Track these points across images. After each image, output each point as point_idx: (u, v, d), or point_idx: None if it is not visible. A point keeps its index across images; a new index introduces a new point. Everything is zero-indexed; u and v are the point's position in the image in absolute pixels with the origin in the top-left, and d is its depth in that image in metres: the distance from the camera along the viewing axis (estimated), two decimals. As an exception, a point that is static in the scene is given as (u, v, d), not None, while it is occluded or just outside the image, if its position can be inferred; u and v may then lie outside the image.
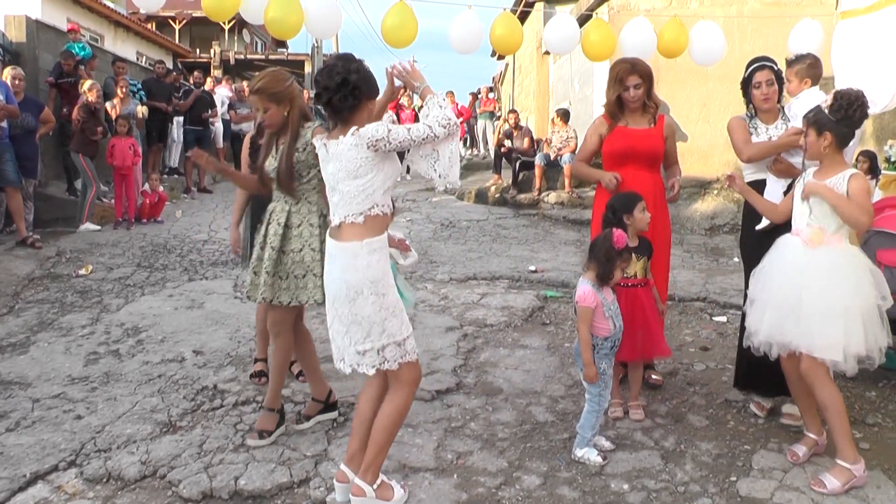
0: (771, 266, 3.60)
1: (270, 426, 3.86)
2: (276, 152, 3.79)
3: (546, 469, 3.57)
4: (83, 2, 17.78)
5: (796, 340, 3.39)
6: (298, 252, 3.77)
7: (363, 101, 3.05)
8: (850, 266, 3.40)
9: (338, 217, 3.07)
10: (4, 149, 7.69)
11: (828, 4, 9.79)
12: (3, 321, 5.88)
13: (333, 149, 3.05)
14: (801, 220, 3.52)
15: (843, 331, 3.27)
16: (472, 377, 4.77)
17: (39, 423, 4.05)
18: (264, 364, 4.67)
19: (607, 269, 3.63)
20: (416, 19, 5.45)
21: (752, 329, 3.61)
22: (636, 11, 10.08)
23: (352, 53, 3.12)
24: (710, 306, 6.50)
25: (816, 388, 3.41)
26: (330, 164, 3.08)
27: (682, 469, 3.57)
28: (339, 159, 3.01)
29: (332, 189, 3.10)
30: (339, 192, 3.05)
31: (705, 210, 10.21)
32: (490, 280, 7.23)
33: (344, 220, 3.04)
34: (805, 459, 3.57)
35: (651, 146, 4.52)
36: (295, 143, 3.72)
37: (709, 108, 10.66)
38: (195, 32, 30.63)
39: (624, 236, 3.66)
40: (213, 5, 5.08)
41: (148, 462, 3.60)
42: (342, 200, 3.04)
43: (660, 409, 4.27)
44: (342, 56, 3.09)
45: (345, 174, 3.01)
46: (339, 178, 3.03)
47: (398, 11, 5.43)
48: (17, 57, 10.41)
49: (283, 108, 3.71)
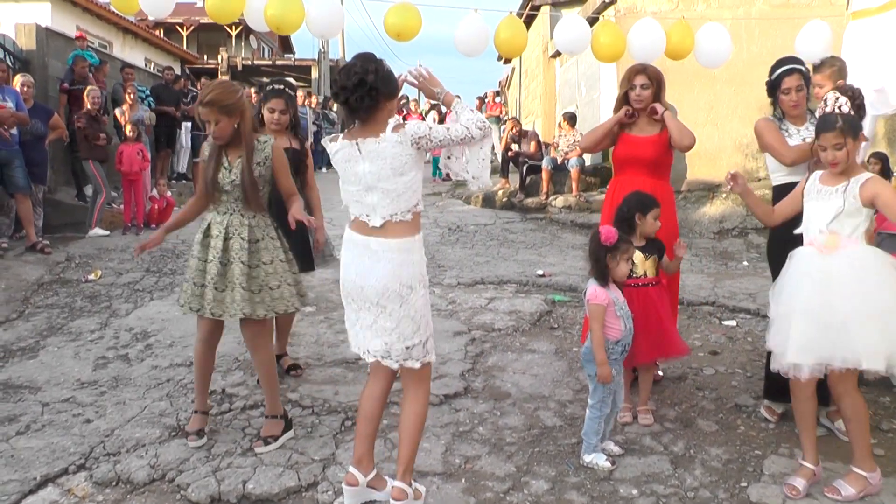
0: (790, 282, 3.39)
1: (276, 431, 3.86)
2: (228, 165, 3.71)
3: (554, 474, 3.56)
4: (92, 9, 17.87)
5: (837, 354, 3.14)
6: (270, 264, 3.77)
7: (381, 101, 2.99)
8: (877, 266, 3.24)
9: (379, 217, 3.00)
10: (14, 155, 7.73)
11: (837, 5, 9.77)
12: (14, 326, 5.91)
13: (371, 147, 2.98)
14: (816, 226, 3.35)
15: (881, 337, 3.10)
16: (480, 381, 4.76)
17: (49, 427, 4.07)
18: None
19: (599, 267, 3.62)
20: (420, 14, 5.44)
21: (779, 350, 3.35)
22: (642, 14, 10.07)
23: (372, 53, 3.06)
24: (719, 310, 6.47)
25: (844, 398, 3.30)
26: (364, 164, 3.00)
27: (692, 474, 3.55)
28: (382, 157, 2.96)
29: (368, 188, 3.01)
30: (379, 191, 2.98)
31: (713, 213, 10.17)
32: (498, 284, 7.22)
33: (390, 218, 2.99)
34: (804, 494, 3.33)
35: (653, 153, 4.54)
36: (253, 157, 3.70)
37: (716, 110, 10.63)
38: (203, 39, 30.78)
39: (613, 232, 3.60)
40: (216, 7, 5.09)
41: (157, 466, 3.61)
42: (385, 199, 2.98)
43: (669, 414, 4.25)
44: (361, 56, 3.04)
45: (389, 172, 2.96)
46: (382, 176, 2.97)
47: (401, 9, 5.42)
48: (26, 64, 10.48)
49: (233, 120, 3.65)
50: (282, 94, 4.61)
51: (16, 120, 7.71)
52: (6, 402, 4.41)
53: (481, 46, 5.54)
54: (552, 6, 16.06)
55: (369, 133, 3.00)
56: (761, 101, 4.40)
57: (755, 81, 10.30)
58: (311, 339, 5.13)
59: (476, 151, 3.09)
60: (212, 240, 3.74)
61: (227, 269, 3.71)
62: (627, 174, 4.57)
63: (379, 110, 3.00)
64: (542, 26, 16.14)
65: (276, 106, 4.58)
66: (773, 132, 4.06)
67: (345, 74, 2.97)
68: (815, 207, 3.40)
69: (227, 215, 3.76)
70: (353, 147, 3.03)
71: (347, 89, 2.94)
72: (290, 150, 4.53)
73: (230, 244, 3.72)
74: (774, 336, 3.39)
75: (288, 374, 4.78)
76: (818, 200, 3.39)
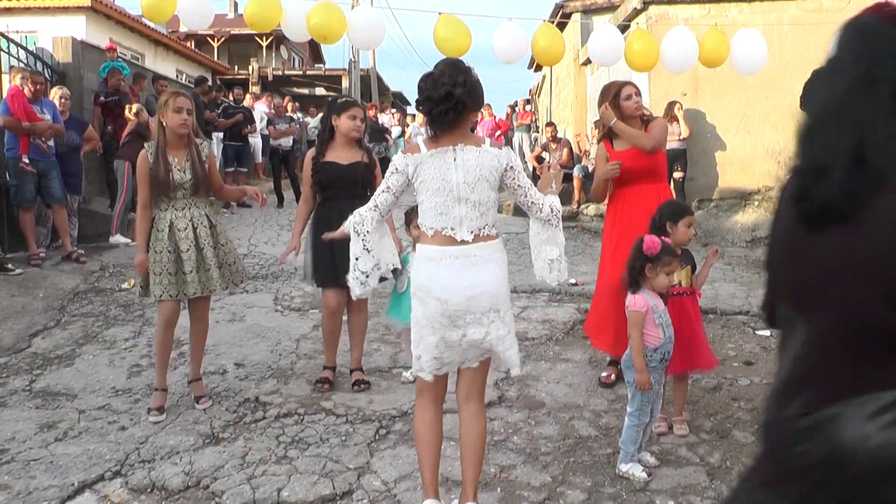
0: None
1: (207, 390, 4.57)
2: (179, 166, 4.25)
3: (590, 484, 3.52)
4: (125, 22, 18.19)
5: None
6: (227, 244, 4.49)
7: (466, 114, 2.92)
8: None
9: (466, 230, 2.93)
10: (51, 167, 7.86)
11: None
12: (51, 334, 5.99)
13: (469, 156, 2.91)
14: None
15: None
16: (514, 390, 4.73)
17: (86, 434, 4.12)
18: (332, 373, 4.83)
19: (633, 274, 3.59)
20: (469, 31, 5.47)
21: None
22: (675, 20, 10.00)
23: (461, 61, 2.96)
24: (752, 320, 6.38)
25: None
26: (458, 173, 2.91)
27: (729, 486, 3.49)
28: (480, 167, 2.90)
29: (458, 200, 2.92)
30: (470, 204, 2.92)
31: (746, 221, 10.06)
32: (530, 293, 7.18)
33: (478, 232, 2.95)
34: None
35: (645, 163, 4.69)
36: (201, 152, 4.35)
37: (748, 117, 10.51)
38: (233, 49, 31.12)
39: (657, 242, 3.55)
40: (255, 14, 5.16)
41: (191, 473, 3.63)
42: (474, 212, 2.93)
43: (704, 425, 4.20)
44: (450, 64, 2.93)
45: (485, 184, 2.92)
46: (478, 187, 2.92)
47: (449, 23, 5.43)
48: (63, 77, 10.66)
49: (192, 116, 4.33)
50: (358, 103, 4.88)
51: (53, 132, 7.84)
52: (45, 410, 4.47)
53: (520, 54, 5.55)
54: (583, 13, 16.01)
55: (460, 141, 2.92)
56: (794, 108, 4.32)
57: (788, 88, 10.26)
58: (343, 347, 5.14)
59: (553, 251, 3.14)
60: (180, 232, 4.27)
61: (201, 254, 4.32)
62: (632, 187, 4.73)
63: (463, 123, 2.94)
64: (573, 34, 16.07)
65: (357, 114, 4.66)
66: None
67: (432, 85, 2.86)
68: None
69: (186, 209, 4.31)
70: (450, 154, 2.92)
71: (433, 101, 2.85)
72: (359, 164, 4.62)
73: (198, 232, 4.32)
74: None
75: (352, 388, 4.72)
76: None
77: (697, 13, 10.40)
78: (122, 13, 18.08)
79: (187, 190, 4.28)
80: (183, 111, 4.24)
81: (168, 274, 4.27)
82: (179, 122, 4.22)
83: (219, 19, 26.84)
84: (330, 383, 4.75)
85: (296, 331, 6.03)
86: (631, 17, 11.07)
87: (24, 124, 7.46)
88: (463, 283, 2.89)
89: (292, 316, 6.51)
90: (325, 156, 4.63)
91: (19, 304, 6.43)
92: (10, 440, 4.03)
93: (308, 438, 4.03)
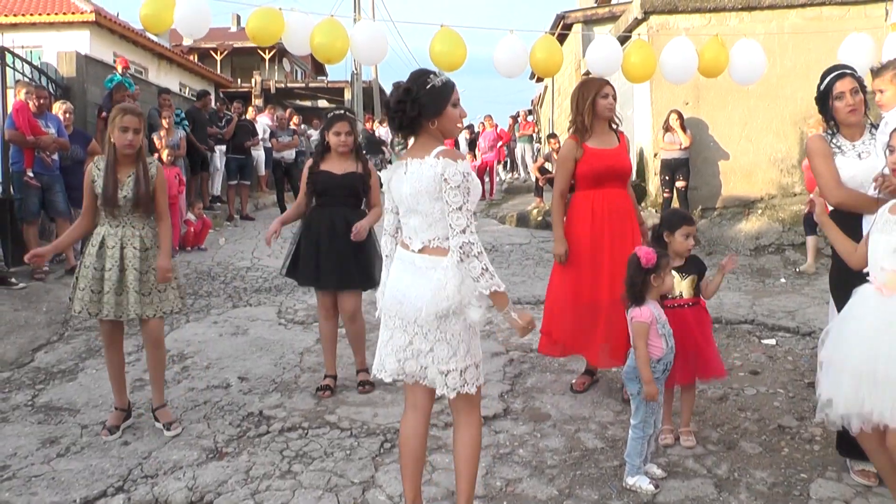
0: (844, 323, 3.08)
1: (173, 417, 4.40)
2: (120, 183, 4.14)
3: (597, 497, 3.49)
4: (129, 36, 18.28)
5: (878, 410, 2.83)
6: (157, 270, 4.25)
7: (422, 120, 2.85)
8: None
9: (419, 241, 2.90)
10: (55, 180, 7.88)
11: (872, 17, 9.65)
12: (54, 348, 5.98)
13: (414, 168, 2.87)
14: (878, 262, 2.98)
15: None
16: (520, 403, 4.71)
17: (88, 449, 4.10)
18: (332, 381, 4.96)
19: (634, 291, 3.58)
20: (465, 44, 5.49)
21: (826, 398, 3.06)
22: (675, 30, 10.01)
23: (425, 70, 2.95)
24: (758, 329, 6.36)
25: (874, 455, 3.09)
26: (406, 185, 2.89)
27: (737, 498, 3.47)
28: (419, 179, 2.82)
29: (409, 211, 2.92)
30: (420, 215, 2.87)
31: (749, 230, 10.03)
32: (535, 304, 7.15)
33: (428, 244, 2.87)
34: None
35: (624, 165, 4.74)
36: (148, 171, 4.21)
37: (750, 126, 10.50)
38: (236, 63, 31.26)
39: (651, 252, 3.56)
40: (257, 29, 5.18)
41: (195, 488, 3.61)
42: (423, 223, 2.87)
43: (711, 436, 4.17)
44: (412, 73, 2.93)
45: (426, 196, 2.82)
46: (421, 199, 2.84)
47: (445, 37, 5.46)
48: (67, 91, 10.70)
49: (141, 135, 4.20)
50: (345, 118, 4.88)
51: (57, 146, 7.86)
52: (47, 425, 4.46)
53: (521, 68, 5.56)
54: (584, 24, 16.06)
55: (416, 154, 2.90)
56: (796, 116, 4.32)
57: (789, 96, 10.25)
58: (348, 360, 5.12)
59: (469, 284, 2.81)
60: (108, 250, 4.15)
61: (123, 276, 4.14)
62: (604, 189, 4.65)
63: (422, 129, 2.89)
64: (575, 45, 16.12)
65: (342, 129, 4.81)
66: (825, 159, 3.60)
67: (393, 90, 2.93)
68: (880, 240, 3.00)
69: (121, 227, 4.19)
70: (402, 167, 2.95)
71: (389, 105, 2.91)
72: (353, 174, 4.84)
73: (125, 252, 4.16)
74: (824, 381, 3.11)
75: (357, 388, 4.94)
76: (883, 232, 3.00)
77: (698, 23, 10.41)
78: (125, 27, 18.19)
79: (125, 207, 4.15)
80: (129, 131, 4.13)
81: (91, 291, 4.15)
82: (125, 142, 4.13)
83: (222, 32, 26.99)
84: (331, 390, 4.85)
85: (299, 344, 6.02)
86: (632, 28, 11.09)
87: (28, 138, 7.51)
88: (396, 287, 2.97)
89: (296, 329, 6.50)
90: (320, 165, 4.87)
91: (22, 318, 6.42)
92: (11, 456, 4.01)
93: (312, 453, 4.01)
